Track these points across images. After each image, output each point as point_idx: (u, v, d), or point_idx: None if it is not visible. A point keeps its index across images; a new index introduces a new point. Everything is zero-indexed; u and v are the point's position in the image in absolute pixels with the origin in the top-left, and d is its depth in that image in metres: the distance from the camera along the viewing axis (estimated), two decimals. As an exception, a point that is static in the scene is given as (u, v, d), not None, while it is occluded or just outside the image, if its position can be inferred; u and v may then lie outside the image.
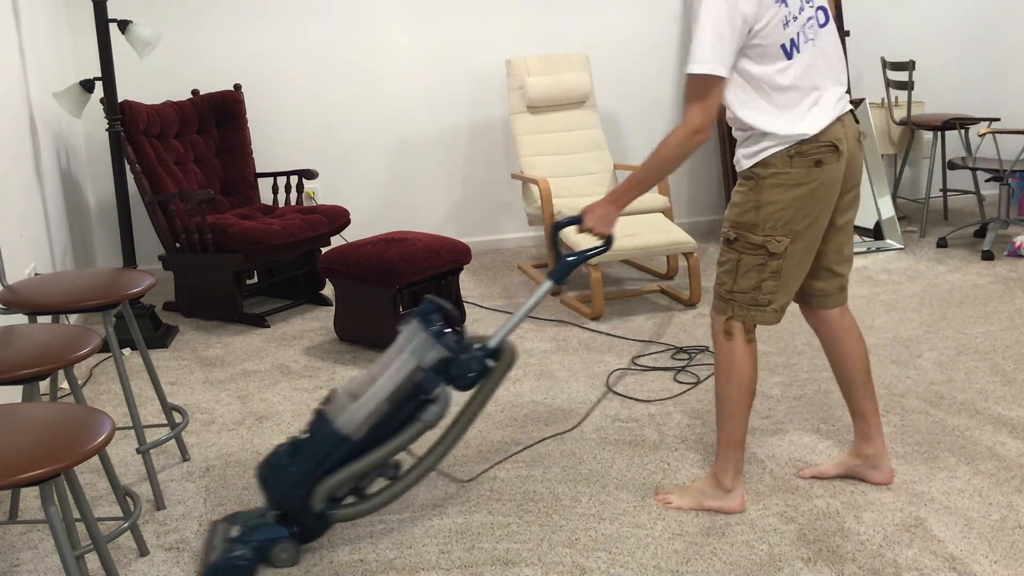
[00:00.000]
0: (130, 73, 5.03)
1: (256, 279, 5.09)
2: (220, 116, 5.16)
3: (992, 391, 3.54)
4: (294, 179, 5.41)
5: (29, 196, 4.08)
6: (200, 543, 2.71)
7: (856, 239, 5.62)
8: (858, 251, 5.50)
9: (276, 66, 5.49)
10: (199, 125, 5.10)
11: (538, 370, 3.91)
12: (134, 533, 2.66)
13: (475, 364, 2.58)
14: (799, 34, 2.53)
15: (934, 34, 6.34)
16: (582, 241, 4.51)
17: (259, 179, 5.23)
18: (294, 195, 5.16)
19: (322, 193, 5.62)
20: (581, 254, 2.71)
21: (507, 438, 3.30)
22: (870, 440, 2.87)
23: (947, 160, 5.90)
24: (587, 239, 4.51)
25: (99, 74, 4.36)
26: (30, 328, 2.48)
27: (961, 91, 6.39)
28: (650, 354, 4.05)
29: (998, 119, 5.81)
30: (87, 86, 4.42)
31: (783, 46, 2.51)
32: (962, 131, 5.75)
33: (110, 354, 4.22)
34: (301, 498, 2.57)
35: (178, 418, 3.33)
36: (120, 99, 4.53)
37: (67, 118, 4.93)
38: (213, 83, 5.28)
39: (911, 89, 5.72)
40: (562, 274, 2.71)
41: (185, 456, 3.24)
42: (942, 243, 5.57)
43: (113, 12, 4.37)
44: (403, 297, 4.18)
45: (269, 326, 4.61)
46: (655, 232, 4.63)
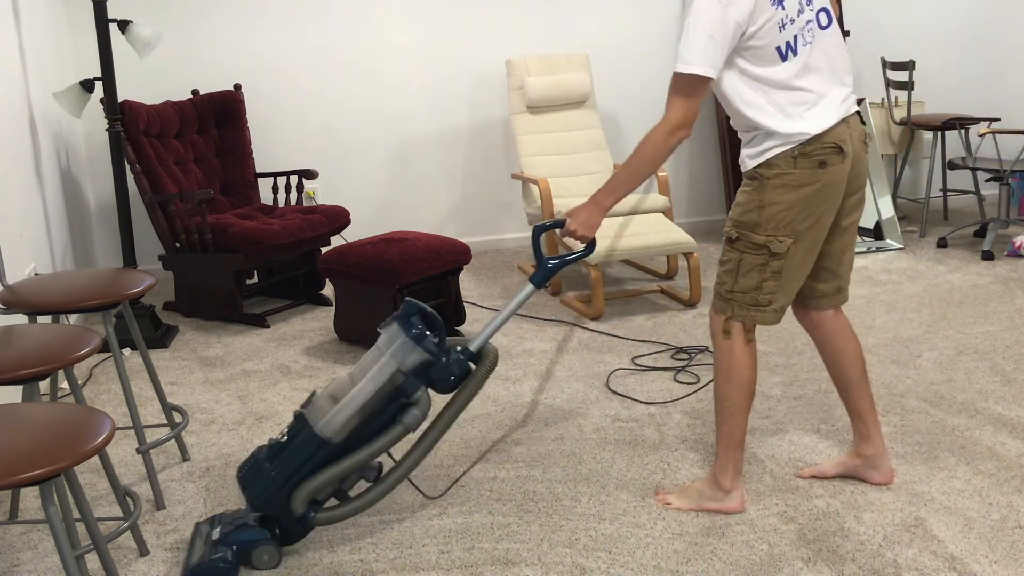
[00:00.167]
0: (130, 73, 5.03)
1: (256, 279, 5.09)
2: (220, 116, 5.16)
3: (992, 391, 3.54)
4: (294, 179, 5.41)
5: (29, 196, 4.08)
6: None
7: (856, 239, 5.61)
8: (858, 251, 5.50)
9: (276, 66, 5.49)
10: (199, 125, 5.10)
11: (538, 370, 3.91)
12: (134, 533, 2.66)
13: (456, 367, 2.57)
14: (796, 37, 2.53)
15: (934, 34, 6.34)
16: (580, 242, 4.51)
17: (259, 179, 5.23)
18: (294, 195, 5.16)
19: (322, 193, 5.62)
20: (562, 258, 2.72)
21: (507, 438, 3.30)
22: (869, 440, 2.87)
23: (947, 160, 5.90)
24: (603, 239, 4.51)
25: (99, 74, 4.36)
26: (30, 328, 2.48)
27: (961, 91, 6.39)
28: (650, 354, 4.05)
29: (998, 119, 5.81)
30: (87, 86, 4.42)
31: (778, 48, 2.51)
32: (962, 131, 5.75)
33: (110, 354, 4.22)
34: (281, 501, 2.56)
35: (178, 418, 3.33)
36: (120, 99, 4.53)
37: (67, 118, 4.93)
38: (213, 83, 5.28)
39: (911, 89, 5.72)
40: (544, 278, 2.72)
41: (185, 456, 3.24)
42: (942, 243, 5.57)
43: (113, 12, 4.37)
44: (403, 297, 4.18)
45: (269, 326, 4.61)
46: (655, 232, 4.63)
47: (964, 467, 2.98)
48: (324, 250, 4.51)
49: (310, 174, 5.06)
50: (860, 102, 5.65)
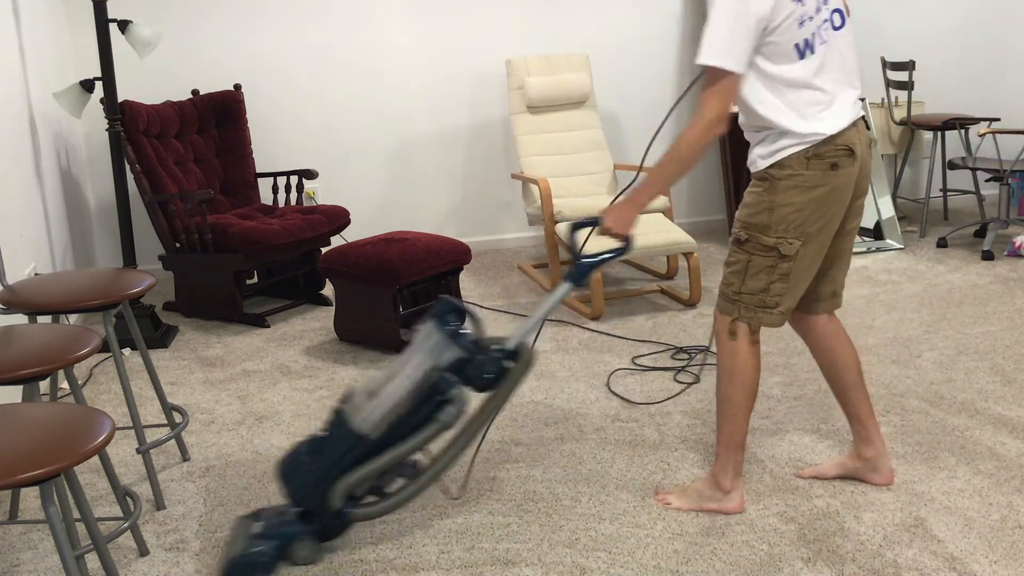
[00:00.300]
0: (130, 73, 5.03)
1: (256, 279, 5.09)
2: (220, 116, 5.16)
3: (992, 391, 3.54)
4: (294, 179, 5.41)
5: (29, 196, 4.08)
6: (199, 543, 2.71)
7: (856, 239, 5.61)
8: (858, 251, 5.51)
9: (276, 66, 5.49)
10: (199, 125, 5.10)
11: (538, 370, 3.91)
12: (134, 533, 2.66)
13: (492, 365, 2.56)
14: (814, 35, 2.51)
15: (934, 34, 6.34)
16: (580, 242, 4.51)
17: (259, 179, 5.23)
18: (294, 195, 5.16)
19: (322, 193, 5.62)
20: (599, 256, 2.68)
21: (507, 438, 3.30)
22: (870, 442, 2.87)
23: (947, 160, 5.90)
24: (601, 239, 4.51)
25: (99, 74, 4.36)
26: (30, 328, 2.48)
27: (961, 91, 6.39)
28: (650, 354, 4.05)
29: (998, 119, 5.81)
30: (87, 86, 4.42)
31: (797, 45, 2.49)
32: (962, 131, 5.75)
33: (110, 354, 4.22)
34: (320, 496, 2.56)
35: (178, 418, 3.33)
36: (120, 99, 4.53)
37: (67, 118, 4.92)
38: (213, 83, 5.28)
39: (911, 89, 5.72)
40: (580, 276, 2.68)
41: (185, 456, 3.24)
42: (942, 243, 5.57)
43: (113, 12, 4.37)
44: (403, 297, 4.18)
45: (269, 326, 4.61)
46: (655, 232, 4.63)
47: (964, 467, 2.98)
48: (324, 250, 4.51)
49: (310, 174, 5.06)
50: (860, 102, 5.65)
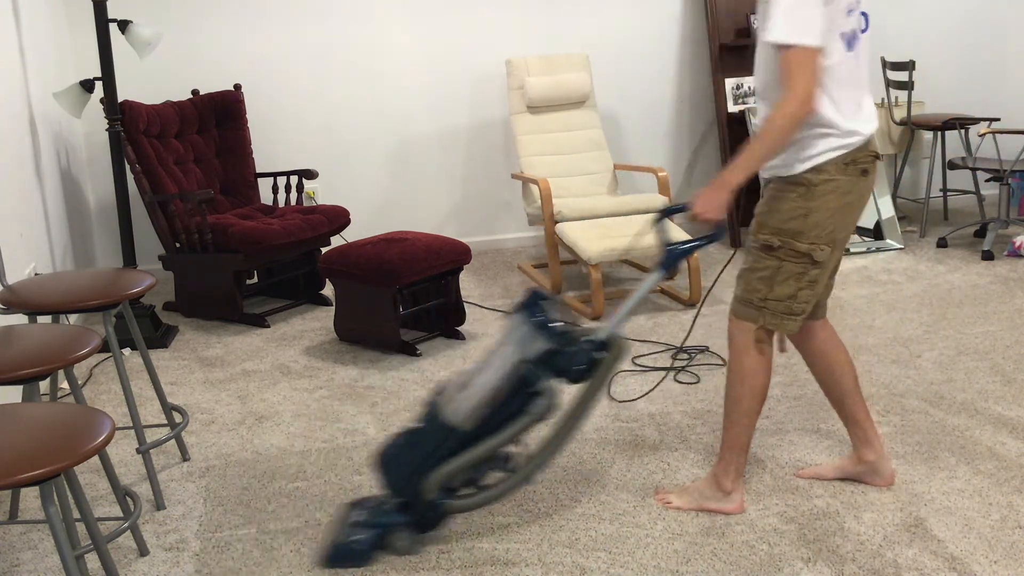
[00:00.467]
0: (130, 73, 5.03)
1: (256, 279, 5.09)
2: (220, 116, 5.16)
3: (992, 391, 3.54)
4: (294, 179, 5.41)
5: (29, 196, 4.08)
6: (199, 543, 2.71)
7: (856, 239, 5.62)
8: (858, 251, 5.51)
9: (276, 66, 5.49)
10: (199, 125, 5.10)
11: (538, 370, 3.91)
12: (134, 533, 2.66)
13: (582, 356, 2.52)
14: (853, 31, 2.50)
15: (934, 34, 6.34)
16: (579, 241, 4.51)
17: (259, 179, 5.23)
18: (294, 195, 5.16)
19: (322, 193, 5.62)
20: (689, 243, 2.62)
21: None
22: (870, 445, 2.85)
23: (947, 160, 5.90)
24: (603, 238, 4.51)
25: (99, 74, 4.36)
26: (30, 328, 2.48)
27: (961, 91, 6.39)
28: (650, 354, 4.05)
29: (998, 119, 5.81)
30: (87, 86, 4.42)
31: (844, 35, 2.47)
32: (962, 131, 5.75)
33: (110, 354, 4.22)
34: (415, 487, 2.55)
35: (178, 418, 3.33)
36: (120, 99, 4.53)
37: (67, 118, 4.93)
38: (213, 83, 5.28)
39: (911, 89, 5.71)
40: (670, 263, 2.61)
41: (185, 456, 3.24)
42: (942, 243, 5.57)
43: (113, 12, 4.37)
44: (403, 297, 4.18)
45: (269, 326, 4.61)
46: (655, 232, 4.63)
47: (964, 467, 2.98)
48: (324, 250, 4.51)
49: (310, 174, 5.06)
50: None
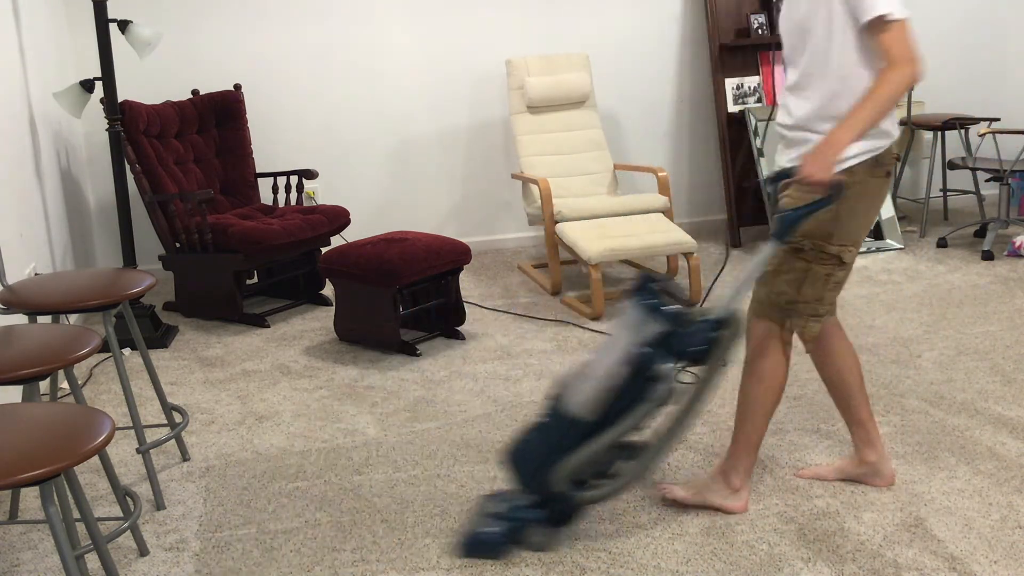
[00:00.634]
0: (130, 73, 5.03)
1: (256, 279, 5.09)
2: (220, 116, 5.16)
3: (992, 391, 3.54)
4: (294, 179, 5.41)
5: (29, 196, 4.08)
6: (199, 543, 2.71)
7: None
8: (858, 251, 5.50)
9: (276, 66, 5.49)
10: (199, 125, 5.10)
11: (538, 370, 3.91)
12: (134, 533, 2.66)
13: (699, 336, 2.47)
14: None
15: (934, 34, 6.33)
16: (579, 241, 4.51)
17: (259, 179, 5.23)
18: (294, 195, 5.16)
19: (322, 193, 5.62)
20: (802, 208, 2.52)
21: (507, 438, 3.30)
22: (872, 446, 2.85)
23: (947, 160, 5.90)
24: (603, 239, 4.50)
25: (99, 74, 4.36)
26: (30, 328, 2.48)
27: (961, 91, 6.38)
28: (650, 354, 4.04)
29: (998, 119, 5.81)
30: (87, 86, 4.42)
31: None
32: (962, 131, 5.75)
33: (110, 354, 4.22)
34: (544, 481, 2.54)
35: (178, 418, 3.33)
36: (120, 99, 4.53)
37: (67, 118, 4.93)
38: (213, 83, 5.28)
39: (911, 89, 5.71)
40: (784, 231, 2.54)
41: (185, 456, 3.24)
42: (942, 243, 5.57)
43: (113, 12, 4.37)
44: (403, 297, 4.18)
45: (269, 326, 4.61)
46: (655, 232, 4.63)
47: (964, 467, 2.98)
48: (324, 250, 4.51)
49: (310, 174, 5.06)
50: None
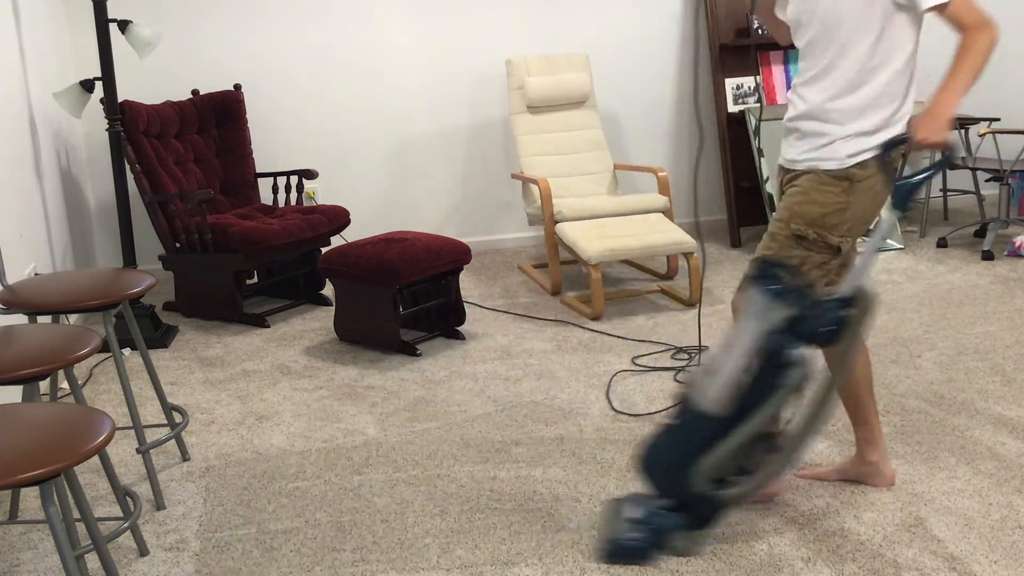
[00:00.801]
0: (130, 73, 5.03)
1: (256, 279, 5.09)
2: (220, 116, 5.16)
3: (992, 391, 3.54)
4: (294, 179, 5.41)
5: (29, 196, 4.08)
6: (199, 543, 2.71)
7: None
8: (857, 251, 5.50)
9: (276, 66, 5.49)
10: (199, 125, 5.10)
11: (538, 370, 3.91)
12: (134, 533, 2.66)
13: (829, 317, 2.40)
14: None
15: (934, 34, 6.33)
16: (579, 241, 4.51)
17: (259, 179, 5.23)
18: (294, 195, 5.16)
19: (322, 193, 5.62)
20: (918, 175, 2.49)
21: (507, 438, 3.30)
22: (875, 446, 2.85)
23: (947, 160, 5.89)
24: (603, 238, 4.50)
25: (99, 74, 4.36)
26: (30, 328, 2.48)
27: (961, 91, 6.38)
28: (650, 354, 4.05)
29: (998, 119, 5.81)
30: (87, 86, 4.42)
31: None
32: (962, 131, 5.75)
33: (110, 354, 4.22)
34: (682, 483, 2.49)
35: (178, 418, 3.33)
36: (120, 99, 4.53)
37: (67, 118, 4.93)
38: (213, 83, 5.28)
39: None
40: (903, 200, 2.49)
41: (185, 456, 3.24)
42: (942, 243, 5.57)
43: (113, 12, 4.37)
44: (403, 297, 4.18)
45: (269, 326, 4.61)
46: (655, 232, 4.63)
47: (964, 467, 2.98)
48: (324, 250, 4.51)
49: (310, 174, 5.06)
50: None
